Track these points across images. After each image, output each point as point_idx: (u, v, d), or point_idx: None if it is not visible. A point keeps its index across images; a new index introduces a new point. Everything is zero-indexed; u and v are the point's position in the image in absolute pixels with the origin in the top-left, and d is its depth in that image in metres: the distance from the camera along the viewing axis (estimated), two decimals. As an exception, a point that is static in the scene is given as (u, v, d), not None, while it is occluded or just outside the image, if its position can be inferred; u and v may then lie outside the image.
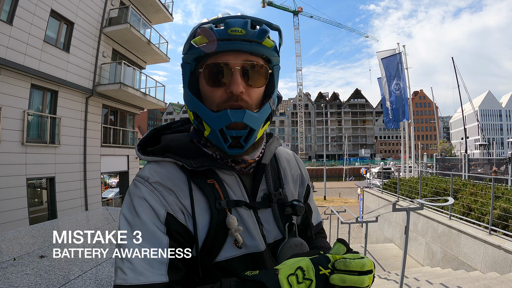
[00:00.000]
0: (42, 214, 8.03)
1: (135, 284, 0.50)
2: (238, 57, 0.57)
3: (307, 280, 0.47)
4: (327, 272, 0.48)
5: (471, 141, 47.26)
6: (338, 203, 21.50)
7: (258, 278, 0.48)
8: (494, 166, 11.13)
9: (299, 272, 0.47)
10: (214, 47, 0.56)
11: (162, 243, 0.54)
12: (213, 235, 0.58)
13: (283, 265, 0.49)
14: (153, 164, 0.62)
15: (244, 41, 0.56)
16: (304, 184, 0.80)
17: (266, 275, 0.48)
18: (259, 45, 0.58)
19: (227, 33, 0.55)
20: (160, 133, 0.72)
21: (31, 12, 7.33)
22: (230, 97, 0.58)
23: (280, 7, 70.65)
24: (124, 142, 11.80)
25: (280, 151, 0.80)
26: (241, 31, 0.56)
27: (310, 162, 66.23)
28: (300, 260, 0.49)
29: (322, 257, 0.50)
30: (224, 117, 0.57)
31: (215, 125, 0.58)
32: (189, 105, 0.62)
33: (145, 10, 12.12)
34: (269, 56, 0.61)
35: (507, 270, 4.14)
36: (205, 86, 0.60)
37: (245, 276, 0.49)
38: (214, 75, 0.58)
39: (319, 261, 0.49)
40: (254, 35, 0.57)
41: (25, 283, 2.07)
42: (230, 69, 0.57)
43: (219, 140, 0.59)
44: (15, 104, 7.06)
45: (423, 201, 3.81)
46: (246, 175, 0.67)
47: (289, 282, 0.46)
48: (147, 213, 0.55)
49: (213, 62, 0.58)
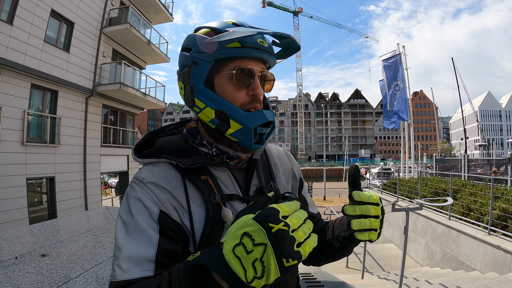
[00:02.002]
0: (42, 214, 8.02)
1: (121, 280, 0.52)
2: (258, 65, 0.65)
3: (258, 246, 0.39)
4: (281, 226, 0.40)
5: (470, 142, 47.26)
6: (338, 203, 21.52)
7: (199, 261, 0.41)
8: (494, 166, 11.15)
9: (246, 239, 0.39)
10: (247, 52, 0.62)
11: (152, 241, 0.55)
12: (210, 229, 0.60)
13: (227, 235, 0.42)
14: (149, 166, 0.65)
15: (269, 52, 0.65)
16: (297, 177, 0.83)
17: (209, 254, 0.42)
18: (274, 58, 0.68)
19: (257, 42, 0.63)
20: (155, 137, 0.74)
21: (31, 12, 7.34)
22: (253, 99, 0.65)
23: (280, 7, 70.67)
24: (124, 142, 11.81)
25: (270, 148, 0.83)
26: (264, 42, 0.64)
27: (310, 162, 66.21)
28: (244, 224, 0.41)
29: (269, 210, 0.42)
30: (261, 117, 0.64)
31: (251, 123, 0.63)
32: (212, 104, 0.63)
33: (145, 10, 12.14)
34: (272, 66, 0.70)
35: (506, 270, 4.15)
36: (229, 86, 0.63)
37: (187, 262, 0.44)
38: (243, 78, 0.63)
39: (266, 216, 0.41)
40: (271, 48, 0.66)
41: (27, 281, 2.08)
42: (254, 74, 0.64)
43: (249, 137, 0.63)
44: (15, 104, 7.07)
45: (422, 201, 3.82)
46: (238, 170, 0.70)
47: (236, 256, 0.39)
48: (140, 212, 0.57)
49: (241, 66, 0.63)
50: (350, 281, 4.47)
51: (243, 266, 0.38)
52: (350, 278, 5.25)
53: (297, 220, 0.42)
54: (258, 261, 0.38)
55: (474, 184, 6.41)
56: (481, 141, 34.18)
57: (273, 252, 0.38)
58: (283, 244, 0.39)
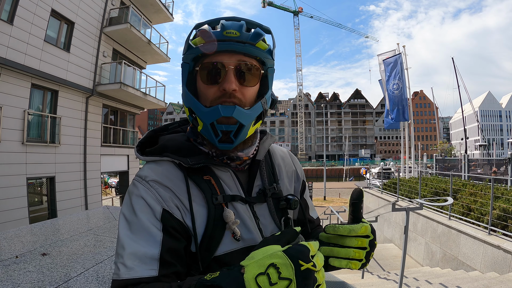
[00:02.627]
0: (42, 214, 8.03)
1: (126, 278, 0.52)
2: (232, 58, 0.60)
3: (284, 280, 0.38)
4: (310, 266, 0.40)
5: (471, 142, 47.27)
6: (338, 203, 21.51)
7: (217, 282, 0.41)
8: (494, 166, 11.15)
9: (272, 270, 0.39)
10: (210, 47, 0.59)
11: (155, 239, 0.55)
12: (211, 229, 0.59)
13: (250, 260, 0.42)
14: (152, 164, 0.65)
15: (238, 42, 0.60)
16: (300, 179, 0.82)
17: (228, 277, 0.41)
18: (252, 47, 0.61)
19: (223, 34, 0.59)
20: (158, 134, 0.74)
21: (31, 12, 7.34)
22: (223, 94, 0.61)
23: (280, 7, 70.71)
24: (124, 142, 11.81)
25: (274, 149, 0.82)
26: (236, 33, 0.59)
27: (310, 162, 66.20)
28: (272, 254, 0.41)
29: (301, 247, 0.42)
30: (215, 112, 0.60)
31: (206, 119, 0.60)
32: (185, 102, 0.65)
33: (145, 10, 12.14)
34: (262, 58, 0.63)
35: (506, 270, 4.15)
36: (201, 83, 0.63)
37: (204, 281, 0.43)
38: (209, 73, 0.61)
39: (297, 252, 0.40)
40: (248, 37, 0.60)
41: (28, 280, 2.08)
42: (224, 68, 0.60)
43: (210, 134, 0.61)
44: (15, 103, 7.07)
45: (422, 201, 3.82)
46: (241, 171, 0.69)
47: (258, 285, 0.38)
48: (143, 210, 0.57)
49: (209, 61, 0.61)
50: (350, 281, 4.47)
51: None
52: (350, 277, 5.25)
53: (321, 261, 0.43)
54: None
55: (474, 184, 6.41)
56: (481, 141, 34.20)
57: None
58: (307, 284, 0.39)
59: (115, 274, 0.54)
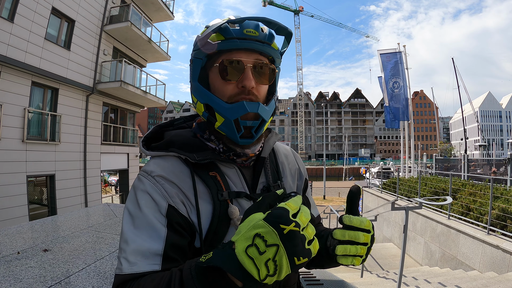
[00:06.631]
0: (41, 212, 8.04)
1: (128, 273, 0.52)
2: (250, 56, 0.62)
3: (271, 247, 0.40)
4: (292, 227, 0.40)
5: (471, 142, 47.25)
6: (338, 202, 21.54)
7: (213, 263, 0.42)
8: (493, 167, 11.17)
9: (258, 240, 0.40)
10: (230, 44, 0.61)
11: (159, 235, 0.55)
12: (216, 225, 0.60)
13: (238, 235, 0.43)
14: (157, 159, 0.65)
15: (257, 41, 0.62)
16: (302, 177, 0.83)
17: (221, 255, 0.42)
18: (269, 46, 0.64)
19: (243, 33, 0.61)
20: (164, 130, 0.74)
21: (32, 10, 7.33)
22: (242, 91, 0.62)
23: (281, 6, 70.54)
24: (124, 140, 11.81)
25: (278, 147, 0.83)
26: (255, 32, 0.61)
27: (310, 161, 66.25)
28: (255, 225, 0.41)
29: (279, 210, 0.42)
30: (241, 108, 0.61)
31: (230, 115, 0.61)
32: (200, 98, 0.65)
33: (146, 8, 12.12)
34: (274, 57, 0.66)
35: (505, 270, 4.17)
36: (218, 80, 0.63)
37: (200, 263, 0.44)
38: (229, 70, 0.62)
39: (277, 217, 0.41)
40: (265, 37, 0.63)
41: (30, 275, 2.10)
42: (243, 65, 0.62)
43: (232, 130, 0.62)
44: (15, 101, 7.07)
45: (422, 200, 3.83)
46: (246, 168, 0.70)
47: (249, 256, 0.40)
48: (148, 205, 0.57)
49: (227, 58, 0.62)
50: (349, 280, 4.49)
51: (256, 266, 0.40)
52: (349, 276, 5.26)
53: (306, 217, 0.43)
54: (270, 260, 0.40)
55: (473, 184, 6.42)
56: (481, 141, 34.25)
57: (285, 252, 0.40)
58: (294, 244, 0.40)
59: (118, 269, 0.54)
